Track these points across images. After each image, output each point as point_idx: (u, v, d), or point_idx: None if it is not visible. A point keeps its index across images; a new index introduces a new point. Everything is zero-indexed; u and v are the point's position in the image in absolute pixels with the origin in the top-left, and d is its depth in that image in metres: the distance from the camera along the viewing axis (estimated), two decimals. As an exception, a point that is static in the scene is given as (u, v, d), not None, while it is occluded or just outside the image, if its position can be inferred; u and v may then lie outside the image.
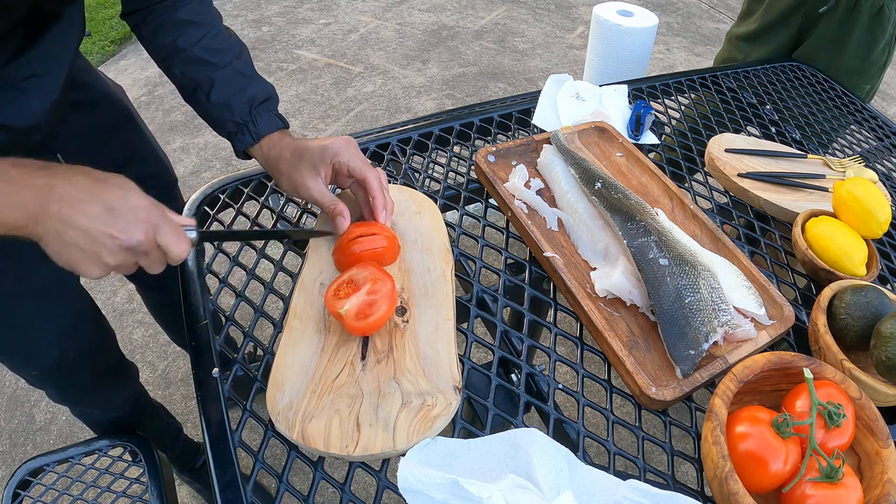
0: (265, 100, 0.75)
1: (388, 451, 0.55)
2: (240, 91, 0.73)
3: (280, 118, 0.76)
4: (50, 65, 0.69)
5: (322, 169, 0.70)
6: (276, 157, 0.73)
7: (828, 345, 0.66)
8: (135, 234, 0.51)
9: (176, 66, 0.74)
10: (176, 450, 1.26)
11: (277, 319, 0.69)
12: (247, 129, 0.74)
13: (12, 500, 0.81)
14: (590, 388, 0.66)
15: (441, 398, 0.59)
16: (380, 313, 0.62)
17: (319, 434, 0.56)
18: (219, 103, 0.73)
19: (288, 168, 0.72)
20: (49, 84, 0.69)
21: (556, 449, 0.57)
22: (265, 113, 0.74)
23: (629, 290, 0.70)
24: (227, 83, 0.73)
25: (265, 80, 0.78)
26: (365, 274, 0.65)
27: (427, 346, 0.64)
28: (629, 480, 0.56)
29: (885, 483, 0.54)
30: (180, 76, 0.75)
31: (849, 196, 0.81)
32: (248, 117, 0.73)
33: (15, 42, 0.63)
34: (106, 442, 0.87)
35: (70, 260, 0.51)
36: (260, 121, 0.74)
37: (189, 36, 0.73)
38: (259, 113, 0.74)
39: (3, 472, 1.40)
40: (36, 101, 0.66)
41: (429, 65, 2.89)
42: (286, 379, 0.60)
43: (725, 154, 0.98)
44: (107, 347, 1.00)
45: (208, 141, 2.35)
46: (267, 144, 0.74)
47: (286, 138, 0.74)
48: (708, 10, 3.61)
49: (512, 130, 1.05)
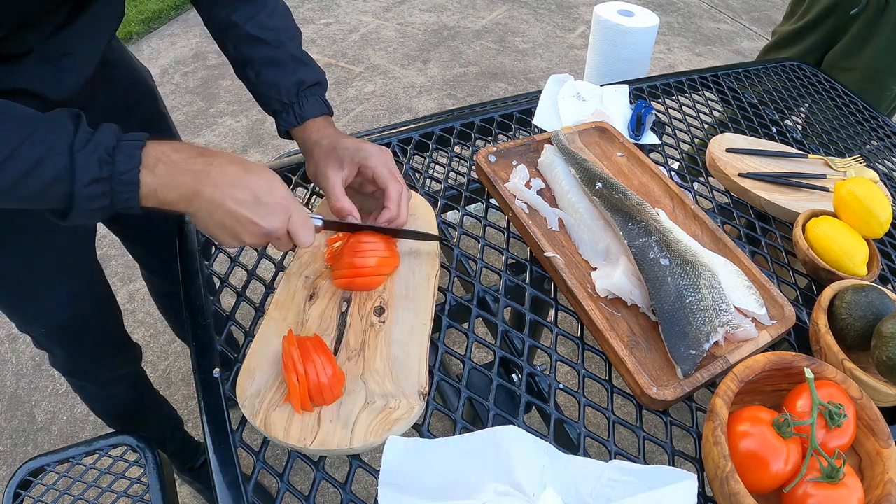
0: (313, 84, 0.76)
1: (343, 449, 0.56)
2: (290, 73, 0.74)
3: (326, 104, 0.77)
4: (87, 43, 0.70)
5: (347, 166, 0.71)
6: (314, 141, 0.74)
7: (829, 345, 0.66)
8: (273, 222, 0.58)
9: (229, 41, 0.75)
10: (175, 442, 1.27)
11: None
12: (292, 110, 0.74)
13: (13, 500, 0.81)
14: (591, 388, 0.66)
15: (404, 402, 0.59)
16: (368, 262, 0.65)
17: (281, 424, 0.57)
18: (267, 82, 0.74)
19: (319, 154, 0.72)
20: (85, 61, 0.70)
21: (536, 444, 0.57)
22: (312, 97, 0.75)
23: (630, 290, 0.70)
24: (277, 63, 0.74)
25: (317, 66, 0.78)
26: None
27: (399, 349, 0.64)
28: (612, 461, 0.56)
29: (886, 483, 0.54)
30: (233, 51, 0.76)
31: (850, 196, 0.81)
32: (295, 99, 0.74)
33: (57, 19, 0.64)
34: (107, 442, 0.87)
35: (213, 233, 0.59)
36: (306, 104, 0.75)
37: (244, 12, 0.74)
38: (306, 96, 0.75)
39: (3, 472, 1.40)
40: (71, 76, 0.68)
41: (429, 65, 2.89)
42: (258, 367, 0.61)
43: (726, 154, 0.98)
44: (113, 320, 1.03)
45: (209, 141, 2.35)
46: (310, 128, 0.75)
47: (330, 127, 0.75)
48: (709, 10, 3.61)
49: (513, 130, 1.05)
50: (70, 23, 0.66)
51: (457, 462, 0.56)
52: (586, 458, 0.57)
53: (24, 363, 1.61)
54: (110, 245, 1.90)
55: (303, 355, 0.57)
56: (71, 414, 1.51)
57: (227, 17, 0.74)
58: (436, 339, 0.68)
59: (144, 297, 1.77)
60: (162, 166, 0.55)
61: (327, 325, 0.66)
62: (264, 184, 0.58)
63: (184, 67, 2.77)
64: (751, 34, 3.38)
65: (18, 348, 1.64)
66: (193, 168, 0.56)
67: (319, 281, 0.71)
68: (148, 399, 1.18)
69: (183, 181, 0.55)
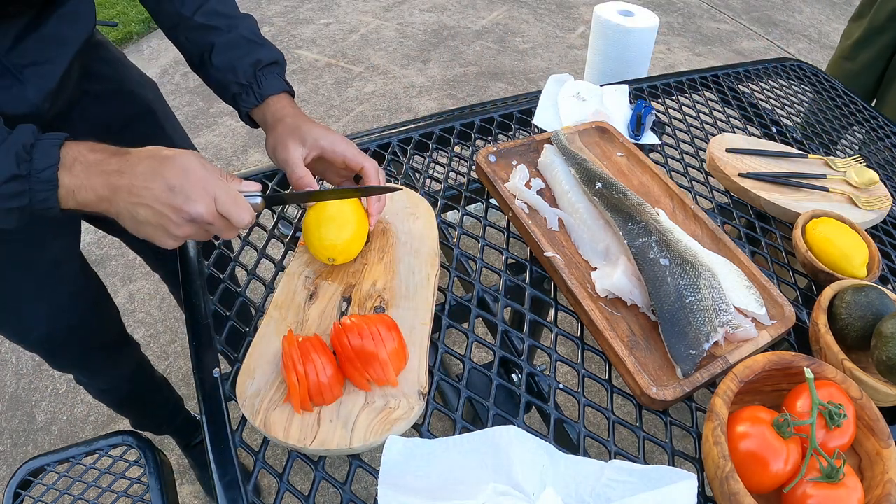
0: (271, 63, 0.74)
1: (343, 449, 0.56)
2: (245, 54, 0.72)
3: (286, 82, 0.75)
4: (52, 53, 0.68)
5: (309, 147, 0.69)
6: (278, 118, 0.71)
7: (828, 345, 0.66)
8: (197, 206, 0.55)
9: (181, 34, 0.74)
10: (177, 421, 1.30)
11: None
12: (251, 89, 0.72)
13: (13, 500, 0.81)
14: (590, 388, 0.66)
15: (404, 402, 0.59)
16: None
17: (281, 424, 0.57)
18: (223, 66, 0.72)
19: (282, 130, 0.70)
20: (48, 73, 0.68)
21: (536, 444, 0.57)
22: (270, 75, 0.73)
23: (630, 290, 0.70)
24: (232, 46, 0.73)
25: (273, 46, 0.76)
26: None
27: None
28: (612, 461, 0.56)
29: (886, 483, 0.54)
30: (187, 44, 0.74)
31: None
32: (253, 79, 0.72)
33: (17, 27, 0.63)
34: (107, 442, 0.87)
35: (145, 234, 0.57)
36: (265, 82, 0.72)
37: (191, 3, 0.72)
38: (264, 75, 0.73)
39: (4, 472, 1.40)
40: (31, 90, 0.66)
41: (430, 65, 2.89)
42: (258, 366, 0.61)
43: (726, 154, 0.98)
44: (102, 327, 1.01)
45: (209, 141, 2.35)
46: (272, 105, 0.72)
47: (293, 106, 0.73)
48: (709, 10, 3.61)
49: (513, 130, 1.05)
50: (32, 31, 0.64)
51: (457, 462, 0.56)
52: (586, 458, 0.57)
53: (24, 363, 1.61)
54: (110, 245, 1.90)
55: (302, 355, 0.57)
56: (71, 414, 1.51)
57: (176, 11, 0.72)
58: (436, 339, 0.68)
59: (144, 297, 1.78)
60: (79, 166, 0.54)
61: (327, 325, 0.66)
62: (178, 171, 0.56)
63: (184, 67, 2.76)
64: (751, 34, 3.38)
65: (18, 348, 1.63)
66: (108, 168, 0.54)
67: (319, 280, 0.71)
68: (148, 386, 1.19)
69: (98, 181, 0.54)
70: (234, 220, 0.58)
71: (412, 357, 0.63)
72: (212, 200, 0.56)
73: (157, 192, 0.54)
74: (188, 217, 0.55)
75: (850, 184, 0.96)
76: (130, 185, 0.54)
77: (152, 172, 0.55)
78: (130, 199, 0.54)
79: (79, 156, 0.54)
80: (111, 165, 0.55)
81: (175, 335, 1.69)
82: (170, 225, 0.56)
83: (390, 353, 0.59)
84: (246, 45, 0.73)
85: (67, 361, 1.00)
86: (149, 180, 0.54)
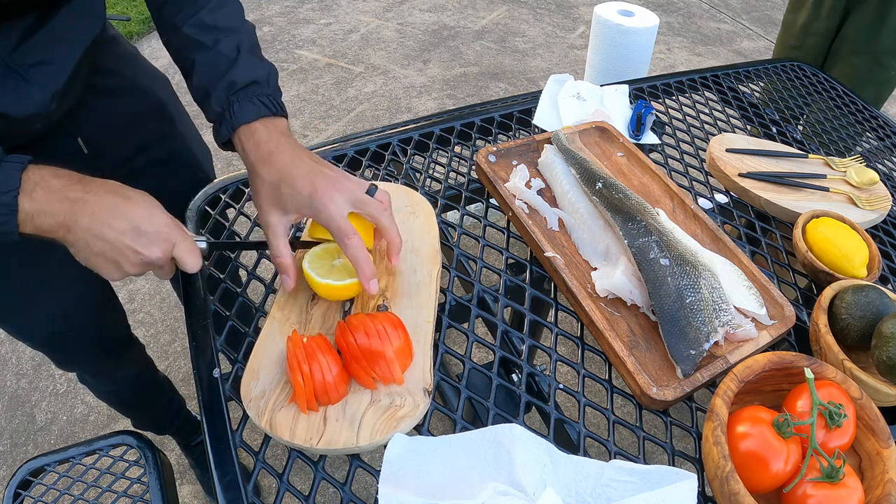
0: (248, 84, 0.65)
1: (350, 448, 0.55)
2: (221, 76, 0.65)
3: (265, 104, 0.65)
4: (59, 52, 0.66)
5: (293, 213, 0.63)
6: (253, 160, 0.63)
7: (829, 345, 0.66)
8: (155, 251, 0.57)
9: (171, 46, 0.68)
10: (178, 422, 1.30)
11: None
12: (223, 118, 0.65)
13: (13, 500, 0.81)
14: (590, 388, 0.66)
15: (410, 399, 0.59)
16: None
17: (287, 424, 0.56)
18: (199, 88, 0.66)
19: (262, 189, 0.62)
20: (55, 73, 0.66)
21: (537, 444, 0.57)
22: (244, 100, 0.64)
23: (630, 290, 0.70)
24: (208, 66, 0.66)
25: (256, 61, 0.67)
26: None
27: None
28: (612, 461, 0.56)
29: (886, 483, 0.54)
30: (176, 58, 0.68)
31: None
32: (227, 104, 0.65)
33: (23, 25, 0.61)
34: (107, 442, 0.87)
35: (94, 265, 0.57)
36: (237, 109, 0.64)
37: (185, 13, 0.66)
38: (237, 100, 0.64)
39: (4, 472, 1.40)
40: (37, 91, 0.64)
41: (430, 65, 2.89)
42: (262, 367, 0.61)
43: (726, 154, 0.98)
44: (109, 328, 1.01)
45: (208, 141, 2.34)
46: (244, 140, 0.64)
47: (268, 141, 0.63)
48: (709, 10, 3.61)
49: (513, 130, 1.05)
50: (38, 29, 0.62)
51: (458, 460, 0.56)
52: (586, 458, 0.57)
53: (24, 363, 1.62)
54: (110, 245, 1.90)
55: (307, 355, 0.57)
56: (71, 414, 1.51)
57: (171, 20, 0.67)
58: (436, 339, 0.68)
59: (144, 297, 1.78)
60: (40, 191, 0.53)
61: (331, 325, 0.66)
62: (144, 212, 0.57)
63: (184, 67, 2.77)
64: (751, 34, 3.38)
65: (18, 348, 1.64)
66: (71, 196, 0.54)
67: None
68: (152, 388, 1.19)
69: (59, 209, 0.53)
70: (187, 266, 0.60)
71: (417, 355, 0.63)
72: (169, 247, 0.58)
73: (121, 230, 0.55)
74: (146, 260, 0.57)
75: (850, 184, 0.96)
76: (93, 216, 0.54)
77: (115, 210, 0.55)
78: (92, 231, 0.54)
79: (40, 181, 0.53)
80: (74, 192, 0.54)
81: (175, 335, 1.69)
82: (124, 262, 0.57)
83: (396, 350, 0.59)
84: (224, 65, 0.65)
85: (73, 362, 1.00)
86: (114, 217, 0.55)
